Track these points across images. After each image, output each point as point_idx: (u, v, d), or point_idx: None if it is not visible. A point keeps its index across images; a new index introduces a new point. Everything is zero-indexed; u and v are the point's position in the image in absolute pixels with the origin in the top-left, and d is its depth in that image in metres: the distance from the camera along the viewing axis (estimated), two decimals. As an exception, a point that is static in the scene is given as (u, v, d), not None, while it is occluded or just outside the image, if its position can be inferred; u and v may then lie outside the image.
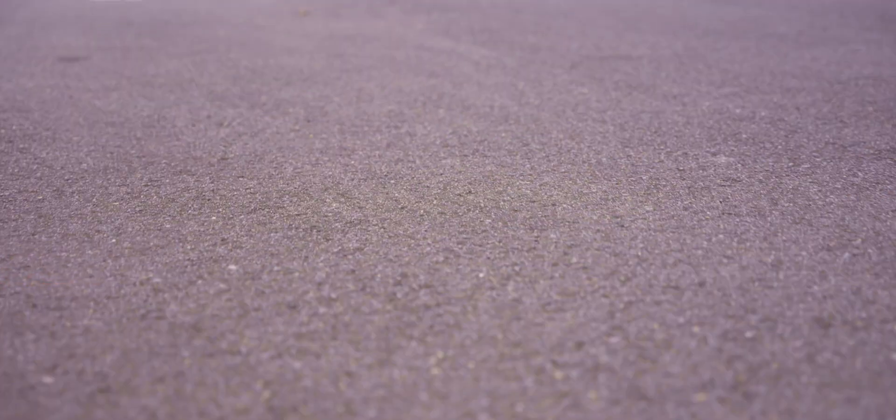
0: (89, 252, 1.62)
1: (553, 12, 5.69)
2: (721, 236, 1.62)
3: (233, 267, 1.54)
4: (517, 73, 3.45)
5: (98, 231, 1.73)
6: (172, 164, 2.20)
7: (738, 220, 1.70)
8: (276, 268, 1.53)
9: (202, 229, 1.72)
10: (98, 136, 2.50)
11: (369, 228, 1.71)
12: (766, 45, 4.11)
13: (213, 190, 1.97)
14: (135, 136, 2.48)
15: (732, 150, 2.21)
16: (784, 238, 1.60)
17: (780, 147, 2.24)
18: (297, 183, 2.02)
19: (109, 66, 3.72)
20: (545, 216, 1.75)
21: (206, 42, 4.40)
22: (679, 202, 1.81)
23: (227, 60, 3.84)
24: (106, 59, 3.91)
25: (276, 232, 1.70)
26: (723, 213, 1.74)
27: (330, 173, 2.09)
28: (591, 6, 6.10)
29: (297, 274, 1.50)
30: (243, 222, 1.76)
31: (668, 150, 2.23)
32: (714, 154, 2.18)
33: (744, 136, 2.36)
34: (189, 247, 1.63)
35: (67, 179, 2.07)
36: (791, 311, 1.31)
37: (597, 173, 2.04)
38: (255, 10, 5.91)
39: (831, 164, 2.08)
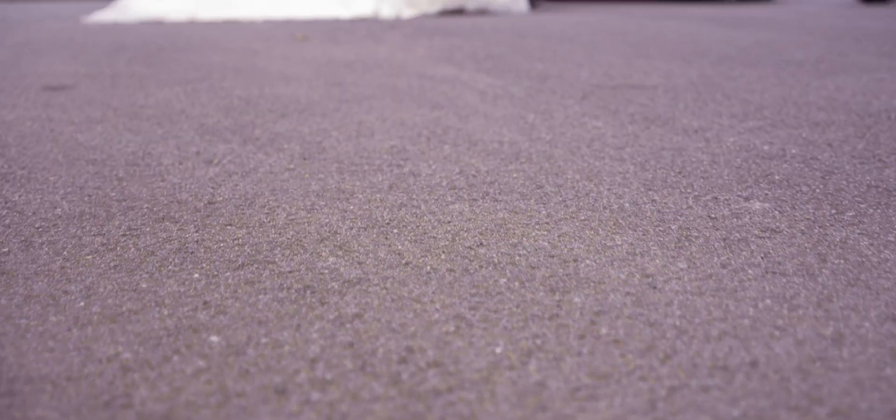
0: (53, 319, 1.43)
1: (558, 37, 5.51)
2: (768, 301, 1.43)
3: (214, 338, 1.34)
4: (525, 103, 3.26)
5: (66, 292, 1.54)
6: (155, 208, 2.01)
7: (784, 280, 1.51)
8: (263, 340, 1.34)
9: (182, 290, 1.53)
10: (77, 175, 2.31)
11: (370, 289, 1.52)
12: (785, 74, 3.93)
13: (197, 241, 1.79)
14: (116, 176, 2.30)
15: (766, 195, 2.02)
16: (841, 304, 1.41)
17: (818, 191, 2.05)
18: (291, 232, 1.83)
19: (96, 95, 3.54)
20: (567, 275, 1.56)
21: (200, 69, 4.22)
22: (715, 258, 1.62)
23: (220, 89, 3.65)
24: (93, 87, 3.73)
25: (266, 293, 1.51)
26: (766, 272, 1.55)
27: (327, 220, 1.90)
28: (596, 31, 5.93)
29: (287, 347, 1.31)
30: (229, 281, 1.57)
31: (696, 193, 2.04)
32: (747, 199, 1.99)
33: (776, 177, 2.18)
34: (166, 312, 1.44)
35: (39, 228, 1.88)
36: (865, 403, 1.12)
37: (620, 221, 1.85)
38: (253, 35, 5.74)
39: (878, 211, 1.89)
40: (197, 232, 1.84)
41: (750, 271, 1.55)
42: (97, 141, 2.72)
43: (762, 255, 1.64)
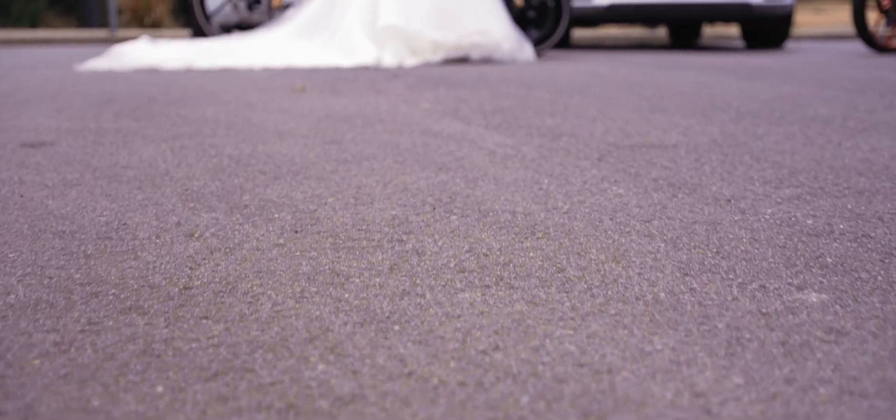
0: (-21, 451, 1.17)
1: (567, 89, 5.29)
2: (851, 434, 1.17)
3: (172, 484, 1.09)
4: (539, 165, 3.02)
5: (2, 413, 1.28)
6: (122, 295, 1.76)
7: (866, 403, 1.25)
8: (232, 486, 1.08)
9: (141, 409, 1.28)
10: (40, 251, 2.06)
11: (366, 410, 1.26)
12: (813, 132, 3.68)
13: (166, 339, 1.53)
14: (84, 253, 2.05)
15: (821, 283, 1.77)
16: (942, 440, 1.16)
17: (880, 278, 1.80)
18: (275, 329, 1.57)
19: (77, 153, 3.30)
20: (601, 392, 1.31)
21: (191, 124, 3.98)
22: (777, 370, 1.37)
23: (209, 147, 3.41)
24: (75, 144, 3.49)
25: (240, 415, 1.26)
26: (842, 392, 1.29)
27: (317, 313, 1.65)
28: (606, 83, 5.71)
29: (261, 498, 1.05)
30: (198, 397, 1.31)
31: (740, 281, 1.79)
32: (800, 289, 1.74)
33: (828, 259, 1.92)
34: (118, 443, 1.19)
35: (-15, 320, 1.63)
36: None
37: (657, 318, 1.60)
38: (249, 85, 5.51)
39: (956, 306, 1.64)
40: (167, 327, 1.59)
41: (821, 391, 1.30)
42: (69, 208, 2.47)
43: (832, 366, 1.38)
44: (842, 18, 26.31)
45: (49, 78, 6.27)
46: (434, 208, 2.43)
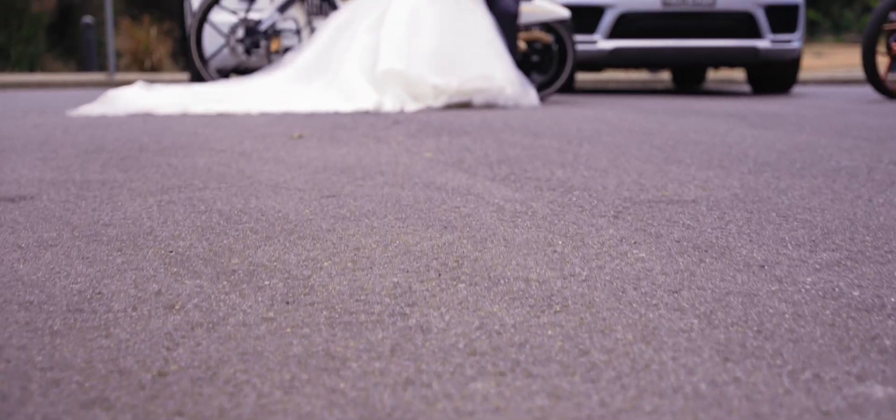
0: None
1: (576, 137, 5.09)
2: None
3: None
4: (551, 224, 2.81)
5: None
6: (86, 384, 1.54)
7: None
8: None
9: None
10: (2, 327, 1.85)
11: None
12: (839, 186, 3.48)
13: (131, 444, 1.31)
14: (50, 329, 1.83)
15: (883, 373, 1.55)
16: None
17: (949, 365, 1.58)
18: (259, 430, 1.36)
19: (57, 209, 3.09)
20: None
21: (181, 175, 3.78)
22: (852, 490, 1.15)
23: (199, 202, 3.21)
24: (56, 198, 3.29)
25: None
26: None
27: (308, 408, 1.43)
28: (616, 130, 5.51)
29: None
30: None
31: (791, 368, 1.57)
32: (860, 379, 1.52)
33: (886, 341, 1.71)
34: None
35: (-75, 416, 1.41)
36: None
37: (701, 417, 1.38)
38: (245, 132, 5.32)
39: None
40: (133, 427, 1.37)
41: None
42: (41, 273, 2.26)
43: (917, 485, 1.16)
44: (843, 62, 26.25)
45: (39, 125, 6.08)
46: (440, 274, 2.22)
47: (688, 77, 14.77)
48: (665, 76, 17.35)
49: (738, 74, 16.74)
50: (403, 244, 2.54)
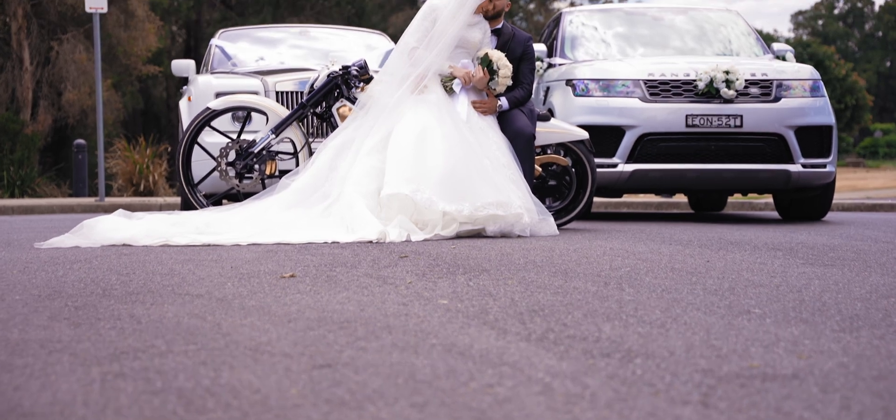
0: None
1: (613, 278, 4.38)
2: None
3: None
4: (621, 414, 2.08)
5: None
6: None
7: None
8: None
9: None
10: None
11: None
12: (967, 350, 2.76)
13: None
14: None
15: None
16: None
17: None
18: None
19: (-34, 387, 2.37)
20: None
21: (141, 333, 3.06)
22: None
23: (156, 375, 2.49)
24: (-28, 370, 2.56)
25: None
26: None
27: None
28: (655, 268, 4.80)
29: None
30: None
31: None
32: None
33: None
34: None
35: None
36: None
37: None
38: (229, 270, 4.61)
39: None
40: None
41: None
42: None
43: None
44: (858, 185, 25.74)
45: (2, 259, 5.39)
46: None
47: (705, 201, 14.10)
48: (681, 199, 16.71)
49: (760, 199, 16.07)
50: (424, 454, 1.81)
